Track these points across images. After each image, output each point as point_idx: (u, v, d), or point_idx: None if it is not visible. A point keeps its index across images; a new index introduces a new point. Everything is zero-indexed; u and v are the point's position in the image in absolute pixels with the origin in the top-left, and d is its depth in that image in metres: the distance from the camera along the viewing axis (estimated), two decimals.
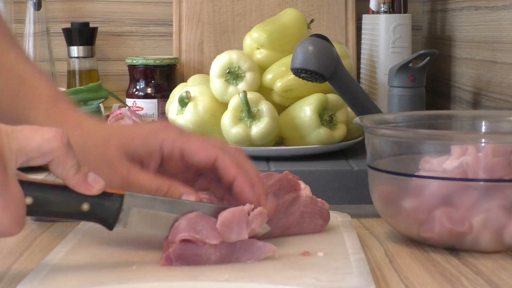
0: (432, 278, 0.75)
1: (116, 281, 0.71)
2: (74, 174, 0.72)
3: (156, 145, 0.81)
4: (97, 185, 0.73)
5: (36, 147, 0.69)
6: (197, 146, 0.80)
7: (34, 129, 0.70)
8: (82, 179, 0.72)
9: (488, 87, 1.43)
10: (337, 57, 1.33)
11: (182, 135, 0.82)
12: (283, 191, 0.88)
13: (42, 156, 0.70)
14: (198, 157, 0.80)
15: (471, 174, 0.81)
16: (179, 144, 0.81)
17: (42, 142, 0.69)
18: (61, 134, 0.70)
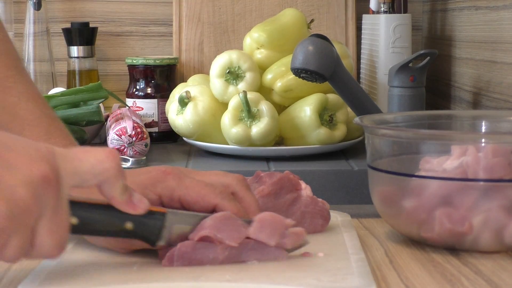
0: (432, 278, 0.75)
1: (117, 281, 0.71)
2: (121, 194, 0.72)
3: (155, 197, 0.81)
4: (142, 205, 0.74)
5: (89, 169, 0.70)
6: (195, 196, 0.81)
7: (86, 150, 0.71)
8: (129, 198, 0.73)
9: (488, 87, 1.43)
10: (337, 57, 1.33)
11: (180, 184, 0.81)
12: (284, 190, 0.88)
13: (95, 177, 0.70)
14: (198, 206, 0.80)
15: (471, 174, 0.81)
16: (177, 194, 0.81)
17: (96, 163, 0.70)
18: (113, 154, 0.71)
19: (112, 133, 1.51)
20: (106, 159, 0.70)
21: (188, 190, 0.80)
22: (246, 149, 1.46)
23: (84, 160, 0.70)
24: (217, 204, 0.80)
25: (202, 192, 0.80)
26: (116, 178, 0.71)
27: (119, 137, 1.50)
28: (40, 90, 1.81)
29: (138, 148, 1.50)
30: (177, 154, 1.57)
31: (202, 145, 1.52)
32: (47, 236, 0.68)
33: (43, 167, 0.67)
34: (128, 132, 1.50)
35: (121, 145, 1.50)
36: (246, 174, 0.98)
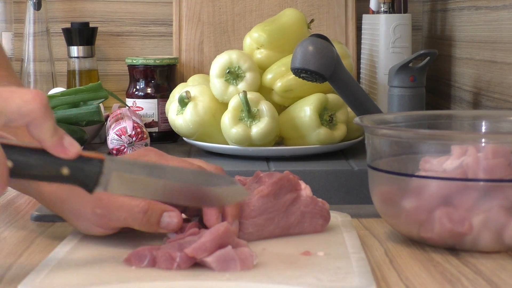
0: (432, 278, 0.75)
1: (116, 280, 0.72)
2: (50, 136, 0.72)
3: None
4: (73, 149, 0.73)
5: (15, 109, 0.70)
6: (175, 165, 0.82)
7: (12, 91, 0.71)
8: (58, 142, 0.72)
9: (488, 87, 1.43)
10: (337, 57, 1.33)
11: (161, 158, 0.84)
12: (284, 190, 0.88)
13: (21, 117, 0.70)
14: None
15: (471, 175, 0.81)
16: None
17: (22, 103, 0.70)
18: (40, 95, 0.71)
19: (112, 133, 1.51)
20: (32, 100, 0.70)
21: (168, 162, 0.83)
22: (246, 149, 1.46)
23: (10, 100, 0.70)
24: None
25: (181, 165, 0.82)
26: (43, 119, 0.71)
27: (119, 137, 1.50)
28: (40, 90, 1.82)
29: (138, 148, 1.50)
30: (177, 154, 1.57)
31: (202, 145, 1.52)
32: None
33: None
34: (128, 132, 1.50)
35: (121, 145, 1.50)
36: (246, 174, 0.98)
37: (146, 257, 0.76)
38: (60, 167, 0.73)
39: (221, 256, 0.74)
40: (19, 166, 0.72)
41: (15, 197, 1.12)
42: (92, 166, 0.75)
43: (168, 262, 0.74)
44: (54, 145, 0.72)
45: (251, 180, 0.90)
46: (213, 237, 0.75)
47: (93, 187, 0.75)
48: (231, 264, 0.74)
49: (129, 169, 0.77)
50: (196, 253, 0.74)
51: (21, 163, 0.72)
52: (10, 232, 0.93)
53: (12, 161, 0.72)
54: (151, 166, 0.78)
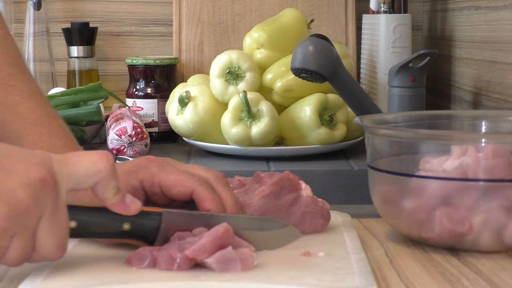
0: (432, 278, 0.75)
1: (117, 281, 0.72)
2: (113, 195, 0.74)
3: (137, 182, 0.84)
4: (134, 206, 0.76)
5: (84, 171, 0.72)
6: (174, 180, 0.83)
7: (81, 154, 0.74)
8: (120, 200, 0.75)
9: (488, 87, 1.43)
10: (337, 57, 1.33)
11: (162, 170, 0.84)
12: (284, 190, 0.88)
13: (90, 179, 0.73)
14: (176, 191, 0.83)
15: (471, 175, 0.81)
16: (157, 179, 0.84)
17: (90, 165, 0.73)
18: (106, 155, 0.74)
19: (112, 133, 1.51)
20: (99, 160, 0.73)
21: (168, 175, 0.83)
22: (246, 149, 1.46)
23: (78, 164, 0.73)
24: (194, 189, 0.82)
25: (181, 177, 0.83)
26: (109, 179, 0.73)
27: (119, 137, 1.50)
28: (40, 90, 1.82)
29: (138, 148, 1.51)
30: (177, 154, 1.57)
31: (202, 145, 1.52)
32: (48, 238, 0.70)
33: (40, 171, 0.70)
34: (128, 132, 1.50)
35: (121, 145, 1.50)
36: (246, 174, 0.98)
37: (147, 257, 0.76)
38: (122, 223, 0.76)
39: (222, 256, 0.74)
40: (82, 226, 0.75)
41: None
42: (151, 220, 0.78)
43: (168, 262, 0.75)
44: (117, 204, 0.75)
45: (251, 180, 0.90)
46: (214, 238, 0.75)
47: (153, 240, 0.78)
48: (232, 265, 0.74)
49: (186, 220, 0.80)
50: (197, 254, 0.74)
51: (85, 222, 0.75)
52: None
53: (75, 221, 0.74)
54: (208, 216, 0.81)
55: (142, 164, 0.85)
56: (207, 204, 0.82)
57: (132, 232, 0.77)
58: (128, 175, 0.84)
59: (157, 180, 0.83)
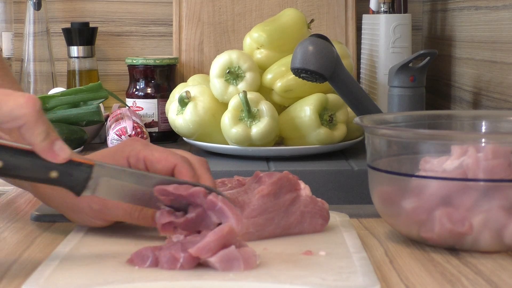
0: (432, 278, 0.75)
1: (120, 280, 0.72)
2: (41, 140, 0.73)
3: (123, 160, 0.86)
4: (62, 154, 0.75)
5: (8, 112, 0.72)
6: (158, 156, 0.86)
7: (6, 93, 0.72)
8: (48, 146, 0.74)
9: (488, 87, 1.43)
10: (337, 57, 1.33)
11: (146, 147, 0.87)
12: (284, 190, 0.88)
13: (13, 120, 0.72)
14: (160, 166, 0.85)
15: (471, 175, 0.81)
16: (142, 155, 0.86)
17: (14, 106, 0.72)
18: (33, 99, 0.73)
19: (112, 133, 1.51)
20: (25, 104, 0.72)
21: (152, 152, 0.86)
22: (246, 149, 1.46)
23: (3, 103, 0.72)
24: (177, 164, 0.84)
25: (164, 154, 0.86)
26: (34, 124, 0.72)
27: (119, 137, 1.50)
28: (40, 90, 1.82)
29: None
30: None
31: (202, 145, 1.52)
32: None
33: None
34: (128, 132, 1.50)
35: None
36: (246, 174, 0.98)
37: (149, 257, 0.76)
38: (49, 171, 0.75)
39: (225, 256, 0.74)
40: (9, 167, 0.74)
41: (15, 197, 1.12)
42: (81, 171, 0.77)
43: (171, 262, 0.75)
44: (45, 149, 0.74)
45: (251, 180, 0.90)
46: (217, 237, 0.75)
47: (80, 191, 0.78)
48: (235, 264, 0.74)
49: (118, 175, 0.79)
50: (200, 253, 0.74)
51: (11, 164, 0.74)
52: (10, 232, 0.93)
53: (2, 161, 0.73)
54: (140, 174, 0.81)
55: (127, 143, 0.88)
56: (186, 179, 0.84)
57: (60, 180, 0.76)
58: (115, 153, 0.86)
59: (142, 156, 0.85)
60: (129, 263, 0.76)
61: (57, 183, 0.77)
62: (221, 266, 0.74)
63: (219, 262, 0.74)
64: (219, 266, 0.74)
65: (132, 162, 0.86)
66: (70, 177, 0.77)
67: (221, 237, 0.75)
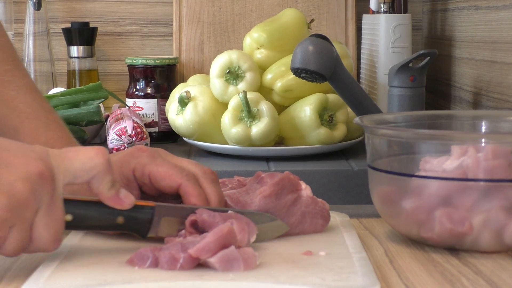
0: (432, 278, 0.75)
1: (120, 281, 0.72)
2: (108, 189, 0.77)
3: (130, 172, 0.87)
4: (127, 200, 0.78)
5: (80, 166, 0.75)
6: (163, 173, 0.86)
7: (77, 149, 0.76)
8: (115, 194, 0.78)
9: (488, 87, 1.43)
10: (337, 57, 1.33)
11: (152, 161, 0.87)
12: (285, 191, 0.88)
13: (86, 173, 0.75)
14: (164, 183, 0.86)
15: (471, 175, 0.81)
16: (147, 169, 0.86)
17: (86, 160, 0.75)
18: (102, 151, 0.76)
19: (112, 133, 1.51)
20: (95, 156, 0.76)
21: (157, 167, 0.86)
22: (246, 149, 1.46)
23: (75, 159, 0.75)
24: (181, 183, 0.85)
25: (169, 171, 0.86)
26: (104, 174, 0.76)
27: (119, 137, 1.50)
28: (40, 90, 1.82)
29: None
30: (177, 154, 1.56)
31: (202, 145, 1.52)
32: (44, 230, 0.73)
33: (39, 165, 0.72)
34: (128, 132, 1.50)
35: (121, 145, 1.50)
36: (246, 174, 0.98)
37: (149, 258, 0.76)
38: (116, 217, 0.79)
39: (225, 256, 0.74)
40: (78, 219, 0.78)
41: None
42: (144, 214, 0.80)
43: (171, 262, 0.75)
44: (111, 198, 0.78)
45: (252, 180, 0.90)
46: (217, 238, 0.75)
47: (145, 233, 0.81)
48: (235, 264, 0.74)
49: (178, 213, 0.82)
50: (200, 253, 0.74)
51: (80, 216, 0.78)
52: None
53: (71, 214, 0.77)
54: (197, 209, 0.83)
55: (133, 154, 0.88)
56: (192, 199, 0.85)
57: (126, 225, 0.80)
58: (121, 165, 0.87)
59: (147, 171, 0.86)
60: (129, 264, 0.76)
61: (123, 227, 0.80)
62: (221, 267, 0.74)
63: (219, 262, 0.74)
64: (219, 266, 0.74)
65: (138, 175, 0.87)
66: (135, 220, 0.80)
67: (221, 237, 0.75)
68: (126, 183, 0.87)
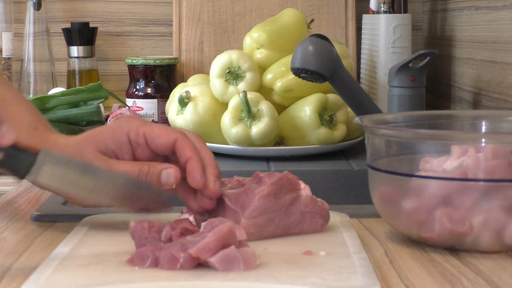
0: (432, 278, 0.75)
1: (120, 281, 0.72)
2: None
3: (124, 135, 0.88)
4: (7, 137, 0.78)
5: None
6: (158, 131, 0.88)
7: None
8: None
9: (488, 87, 1.43)
10: (337, 57, 1.33)
11: (146, 123, 0.90)
12: (284, 190, 0.88)
13: None
14: (160, 140, 0.87)
15: (471, 175, 0.81)
16: (142, 130, 0.88)
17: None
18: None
19: None
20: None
21: (152, 127, 0.89)
22: (246, 149, 1.46)
23: None
24: (177, 138, 0.87)
25: (164, 129, 0.88)
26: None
27: None
28: (40, 90, 1.82)
29: None
30: None
31: None
32: None
33: None
34: None
35: None
36: (246, 174, 0.98)
37: (149, 257, 0.76)
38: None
39: (225, 256, 0.74)
40: None
41: (15, 197, 1.12)
42: (26, 155, 0.79)
43: (171, 262, 0.75)
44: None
45: (251, 180, 0.90)
46: (217, 237, 0.75)
47: (23, 175, 0.80)
48: (235, 264, 0.74)
49: (63, 163, 0.81)
50: (200, 253, 0.74)
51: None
52: (10, 232, 0.93)
53: None
54: (85, 165, 0.83)
55: (125, 120, 0.90)
56: (188, 152, 0.86)
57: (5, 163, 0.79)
58: (113, 131, 0.89)
59: (142, 131, 0.88)
60: (129, 263, 0.76)
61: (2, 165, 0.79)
62: (221, 266, 0.74)
63: (219, 262, 0.74)
64: (219, 266, 0.74)
65: (132, 137, 0.88)
66: (14, 160, 0.79)
67: (221, 237, 0.75)
68: (119, 146, 0.88)
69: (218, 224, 0.79)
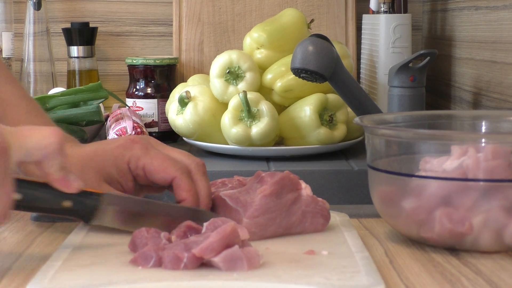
0: (432, 278, 0.75)
1: (125, 280, 0.71)
2: (58, 170, 0.77)
3: (125, 164, 0.89)
4: (75, 184, 0.79)
5: (35, 143, 0.76)
6: (157, 166, 0.88)
7: (33, 128, 0.77)
8: (63, 176, 0.78)
9: (488, 87, 1.43)
10: (337, 57, 1.33)
11: (146, 154, 0.89)
12: (285, 190, 0.88)
13: (39, 151, 0.76)
14: (158, 176, 0.88)
15: (471, 176, 0.81)
16: (142, 163, 0.89)
17: (40, 137, 0.76)
18: (57, 131, 0.77)
19: (112, 133, 1.51)
20: (49, 135, 0.76)
21: (152, 160, 0.88)
22: (246, 149, 1.46)
23: (30, 136, 0.76)
24: (176, 177, 0.87)
25: (164, 164, 0.88)
26: (55, 154, 0.77)
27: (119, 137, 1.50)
28: (40, 90, 1.82)
29: None
30: None
31: (202, 145, 1.52)
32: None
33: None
34: (128, 132, 1.50)
35: None
36: (246, 174, 0.98)
37: (152, 257, 0.76)
38: (64, 200, 0.80)
39: (229, 255, 0.74)
40: (26, 199, 0.79)
41: None
42: (91, 200, 0.82)
43: (174, 262, 0.75)
44: (59, 179, 0.78)
45: (252, 180, 0.90)
46: (221, 237, 0.75)
47: (88, 220, 0.83)
48: (238, 264, 0.74)
49: (124, 204, 0.84)
50: (204, 253, 0.74)
51: (29, 196, 0.79)
52: (10, 232, 0.93)
53: (20, 193, 0.78)
54: (146, 202, 0.85)
55: (126, 146, 0.90)
56: (184, 194, 0.87)
57: (72, 210, 0.81)
58: (115, 158, 0.89)
59: (142, 164, 0.88)
60: (133, 263, 0.76)
61: (70, 212, 0.81)
62: (225, 266, 0.74)
63: (223, 262, 0.74)
64: (223, 266, 0.74)
65: (132, 168, 0.89)
66: (81, 205, 0.81)
67: (224, 237, 0.75)
68: (122, 175, 0.89)
69: (220, 224, 0.79)
